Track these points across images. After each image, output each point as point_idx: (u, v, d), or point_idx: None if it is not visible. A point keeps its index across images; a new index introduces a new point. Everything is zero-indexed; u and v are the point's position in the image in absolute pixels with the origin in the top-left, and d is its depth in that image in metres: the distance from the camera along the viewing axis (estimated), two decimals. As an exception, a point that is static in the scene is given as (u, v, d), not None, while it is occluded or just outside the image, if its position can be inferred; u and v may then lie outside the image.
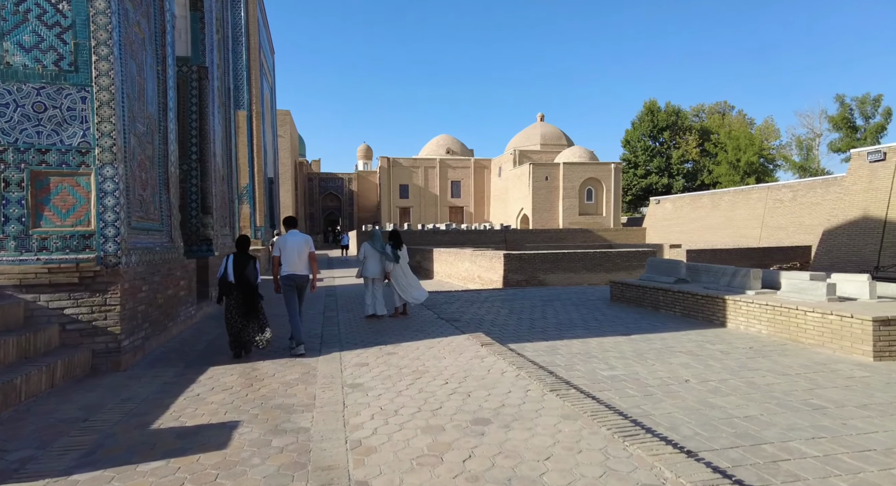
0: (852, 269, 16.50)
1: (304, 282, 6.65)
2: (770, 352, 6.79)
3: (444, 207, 55.95)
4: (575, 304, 11.42)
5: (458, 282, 21.10)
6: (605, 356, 6.54)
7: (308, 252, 6.71)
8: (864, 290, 7.76)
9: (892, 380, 5.48)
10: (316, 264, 6.77)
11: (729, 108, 59.21)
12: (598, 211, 46.93)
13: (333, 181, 63.08)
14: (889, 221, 16.06)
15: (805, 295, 7.83)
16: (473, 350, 6.11)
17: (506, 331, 8.24)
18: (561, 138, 56.01)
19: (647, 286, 10.75)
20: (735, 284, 9.29)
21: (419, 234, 36.51)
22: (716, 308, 8.88)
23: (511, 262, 17.46)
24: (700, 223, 33.98)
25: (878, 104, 36.39)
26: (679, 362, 6.24)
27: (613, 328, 8.53)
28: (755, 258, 21.55)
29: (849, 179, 17.94)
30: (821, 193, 25.23)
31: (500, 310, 10.60)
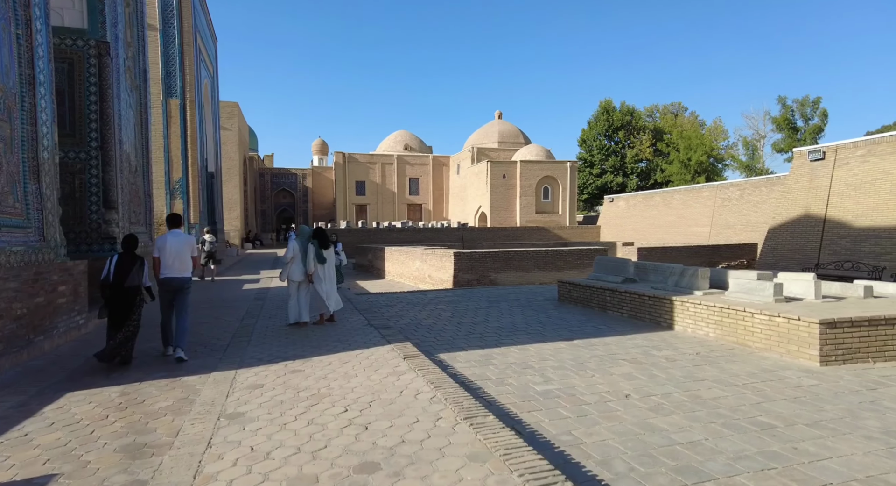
0: (795, 266, 16.75)
1: (183, 286, 6.17)
2: (717, 358, 6.35)
3: (403, 205, 54.92)
4: (522, 305, 10.85)
5: (410, 282, 20.31)
6: (542, 366, 5.92)
7: (190, 254, 6.18)
8: (809, 290, 7.48)
9: (839, 389, 5.08)
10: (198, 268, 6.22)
11: (682, 109, 60.85)
12: (555, 209, 47.13)
13: (287, 177, 60.91)
14: (828, 219, 16.36)
15: (752, 296, 7.48)
16: (392, 365, 5.34)
17: (441, 338, 7.52)
18: (518, 136, 56.01)
19: (595, 286, 10.29)
20: (683, 284, 8.91)
21: (375, 232, 35.48)
22: (663, 310, 8.46)
23: (462, 261, 16.82)
24: (652, 221, 34.47)
25: (816, 106, 38.05)
26: (621, 373, 5.68)
27: (557, 333, 7.95)
28: (704, 256, 21.77)
29: (791, 178, 18.25)
30: (766, 192, 25.87)
31: (443, 313, 9.89)
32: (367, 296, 12.70)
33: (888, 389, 5.13)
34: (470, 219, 49.02)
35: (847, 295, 7.84)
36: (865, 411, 4.47)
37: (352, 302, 10.63)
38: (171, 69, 18.96)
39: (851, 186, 15.95)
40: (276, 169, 61.81)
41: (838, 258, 15.56)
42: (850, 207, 15.85)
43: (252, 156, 56.84)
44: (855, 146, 16.10)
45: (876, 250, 14.75)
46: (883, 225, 14.84)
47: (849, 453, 3.59)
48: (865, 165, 15.73)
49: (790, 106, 38.58)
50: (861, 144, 15.94)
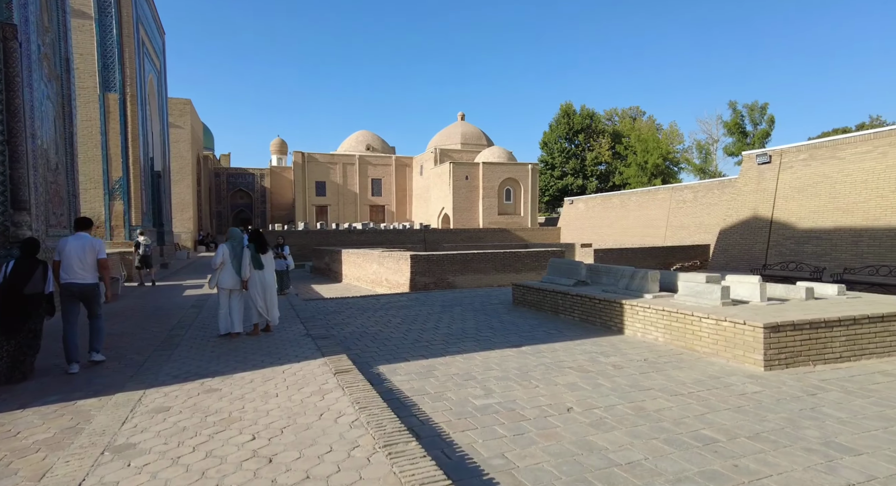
0: (744, 267, 17.18)
1: (88, 292, 5.78)
2: (664, 365, 6.20)
3: (365, 206, 54.03)
4: (475, 310, 10.57)
5: (367, 285, 19.77)
6: (485, 377, 5.61)
7: (94, 258, 5.80)
8: (755, 293, 7.48)
9: (781, 395, 4.98)
10: (108, 273, 5.93)
11: (640, 113, 62.41)
12: (517, 211, 47.38)
13: (244, 177, 58.99)
14: (774, 221, 16.86)
15: (700, 299, 7.42)
16: (320, 382, 4.90)
17: (385, 348, 7.13)
18: (481, 138, 56.09)
19: (547, 290, 10.11)
20: (633, 286, 8.82)
21: (334, 234, 34.63)
22: (613, 313, 8.33)
23: (418, 264, 16.44)
24: (611, 223, 35.03)
25: (764, 112, 39.70)
26: (566, 383, 5.43)
27: (506, 339, 7.69)
28: (659, 257, 22.15)
29: (741, 181, 18.74)
30: (718, 194, 26.62)
31: (392, 319, 9.49)
32: (315, 302, 12.15)
33: (827, 394, 5.07)
34: (433, 220, 48.69)
35: (790, 297, 7.90)
36: (806, 419, 4.36)
37: (295, 309, 10.08)
38: (108, 61, 17.80)
39: (795, 189, 16.48)
40: (233, 169, 59.80)
41: (784, 259, 16.03)
42: (794, 210, 16.37)
43: (207, 155, 54.77)
44: (798, 150, 16.66)
45: (817, 252, 15.26)
46: (823, 227, 15.37)
47: (788, 469, 3.42)
48: (807, 168, 16.28)
49: (740, 111, 40.16)
50: (803, 149, 16.50)
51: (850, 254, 14.45)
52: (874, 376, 5.73)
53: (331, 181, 53.32)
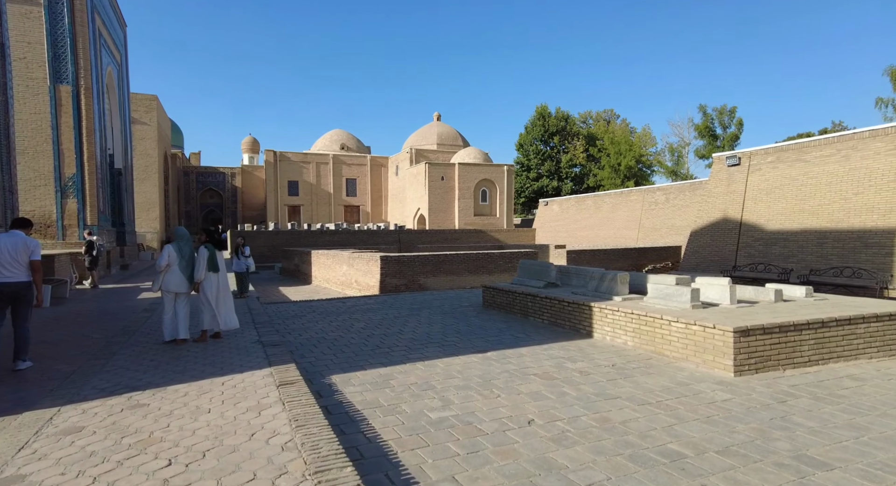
0: (715, 268, 17.28)
1: (20, 291, 5.52)
2: (633, 371, 5.96)
3: (339, 206, 53.18)
4: (444, 312, 10.22)
5: (337, 287, 19.24)
6: (445, 387, 5.26)
7: (27, 257, 5.50)
8: (725, 295, 7.33)
9: (752, 404, 4.77)
10: (39, 276, 5.62)
11: (614, 116, 63.16)
12: (493, 212, 47.29)
13: (214, 176, 57.46)
14: (744, 223, 17.01)
15: (670, 301, 7.23)
16: (260, 396, 4.48)
17: (342, 355, 6.71)
18: (457, 139, 55.88)
19: (517, 292, 9.84)
20: (603, 289, 8.61)
21: (305, 234, 33.84)
22: (582, 316, 8.09)
23: (389, 265, 16.01)
24: (584, 224, 35.19)
25: (733, 115, 40.54)
26: (530, 392, 5.13)
27: (472, 344, 7.36)
28: (632, 258, 22.20)
29: (711, 183, 18.90)
30: (689, 196, 26.93)
31: (355, 324, 9.07)
32: (277, 305, 11.63)
33: (797, 400, 4.89)
34: (409, 221, 48.23)
35: (760, 299, 7.79)
36: (776, 429, 4.15)
37: (252, 313, 9.56)
38: (60, 51, 16.87)
39: (763, 191, 16.66)
40: (203, 168, 58.19)
41: (753, 260, 16.17)
42: (762, 211, 16.53)
43: (176, 153, 53.12)
44: (766, 153, 16.86)
45: (785, 253, 15.43)
46: (790, 228, 15.55)
47: (760, 488, 3.16)
48: (775, 171, 16.48)
49: (710, 114, 40.93)
50: (771, 151, 16.70)
51: (815, 255, 14.63)
52: (842, 380, 5.59)
53: (304, 181, 52.31)
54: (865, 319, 6.51)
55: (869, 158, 14.07)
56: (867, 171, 14.02)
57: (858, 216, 13.95)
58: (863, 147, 14.27)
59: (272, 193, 51.05)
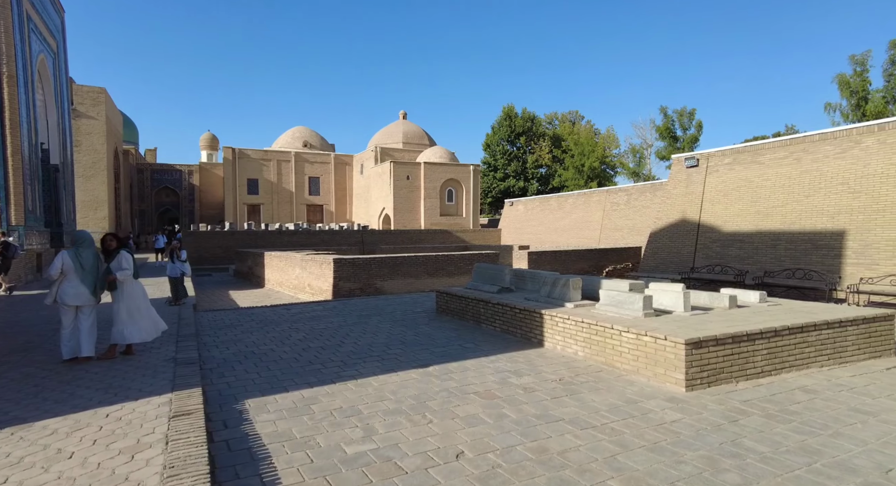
0: (673, 269, 17.29)
1: None
2: (581, 386, 5.56)
3: (301, 205, 51.73)
4: (394, 320, 9.67)
5: (290, 291, 18.40)
6: (372, 412, 4.72)
7: None
8: (679, 302, 7.04)
9: (702, 425, 4.41)
10: None
11: (579, 117, 63.81)
12: (459, 212, 46.93)
13: (170, 174, 55.05)
14: (702, 224, 17.08)
15: (622, 309, 6.88)
16: (145, 431, 3.83)
17: (268, 372, 6.08)
18: (423, 138, 55.28)
19: (469, 297, 9.37)
20: (555, 294, 8.23)
21: (263, 235, 32.63)
22: (533, 324, 7.69)
23: (343, 268, 15.33)
24: (549, 225, 35.21)
25: (692, 117, 41.49)
26: (466, 415, 4.64)
27: (416, 356, 6.84)
28: (593, 259, 22.15)
29: (670, 184, 18.95)
30: (650, 197, 27.16)
31: (294, 334, 8.41)
32: (215, 313, 10.82)
33: (749, 419, 4.57)
34: (374, 221, 47.35)
35: (714, 306, 7.55)
36: (726, 456, 3.78)
37: (182, 323, 8.76)
38: (-21, 36, 15.45)
39: (720, 193, 16.77)
40: (158, 165, 55.66)
41: (710, 262, 16.23)
42: (719, 213, 16.63)
43: (128, 149, 50.58)
44: (723, 155, 16.98)
45: (740, 255, 15.53)
46: (745, 230, 15.67)
47: (706, 539, 2.74)
48: (731, 172, 16.61)
49: (671, 116, 41.75)
50: (728, 153, 16.84)
51: (770, 257, 14.76)
52: (794, 393, 5.33)
53: (264, 179, 50.66)
54: (817, 326, 6.32)
55: (819, 160, 14.27)
56: (817, 173, 14.21)
57: (809, 218, 14.12)
58: (813, 150, 14.47)
59: (230, 191, 49.23)
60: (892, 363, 6.60)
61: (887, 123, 13.23)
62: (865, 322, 6.75)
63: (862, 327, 6.71)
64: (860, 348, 6.70)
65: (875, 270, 12.41)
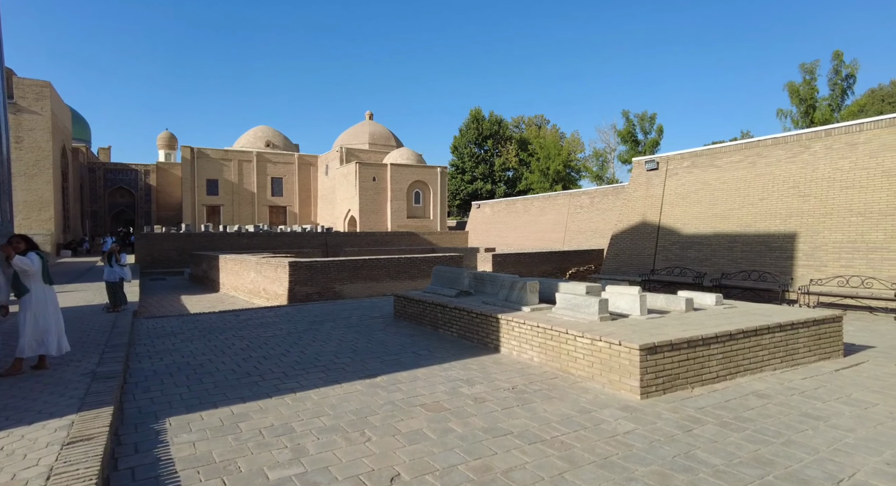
0: (634, 272, 17.43)
1: None
2: (534, 394, 5.31)
3: (264, 207, 50.30)
4: (349, 326, 9.24)
5: (245, 296, 17.64)
6: (306, 429, 4.33)
7: None
8: (635, 305, 6.90)
9: (655, 436, 4.22)
10: None
11: (545, 121, 64.54)
12: (426, 214, 46.59)
13: (125, 173, 52.68)
14: (661, 227, 17.29)
15: (578, 312, 6.69)
16: (29, 462, 3.34)
17: (199, 387, 5.59)
18: (390, 139, 54.72)
19: (427, 301, 9.05)
20: (513, 298, 7.99)
21: (221, 237, 31.43)
22: (489, 329, 7.42)
23: (299, 272, 14.75)
24: (514, 227, 35.28)
25: (653, 122, 42.47)
26: (409, 431, 4.30)
27: (364, 366, 6.46)
28: (556, 262, 22.19)
29: (631, 187, 19.15)
30: (612, 200, 27.51)
31: (237, 343, 7.89)
32: (157, 320, 10.14)
33: (703, 428, 4.40)
34: (339, 223, 46.47)
35: (671, 309, 7.46)
36: (679, 472, 3.57)
37: (113, 332, 8.10)
38: None
39: (679, 196, 17.01)
40: (112, 164, 53.16)
41: (670, 264, 16.42)
42: (678, 216, 16.86)
43: (79, 147, 48.09)
44: (682, 158, 17.26)
45: (699, 257, 15.76)
46: (703, 232, 15.92)
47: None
48: (690, 175, 16.87)
49: (633, 120, 42.62)
50: (686, 156, 17.11)
51: (727, 259, 15.02)
52: (748, 398, 5.23)
53: (224, 179, 49.03)
54: (770, 329, 6.28)
55: (772, 164, 14.61)
56: (770, 177, 14.55)
57: (764, 221, 14.43)
58: (766, 154, 14.82)
59: (189, 192, 47.42)
60: (840, 365, 6.64)
61: (833, 129, 13.66)
62: (816, 324, 6.77)
63: (812, 328, 6.73)
64: (811, 350, 6.72)
65: (823, 271, 12.74)
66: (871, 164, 12.66)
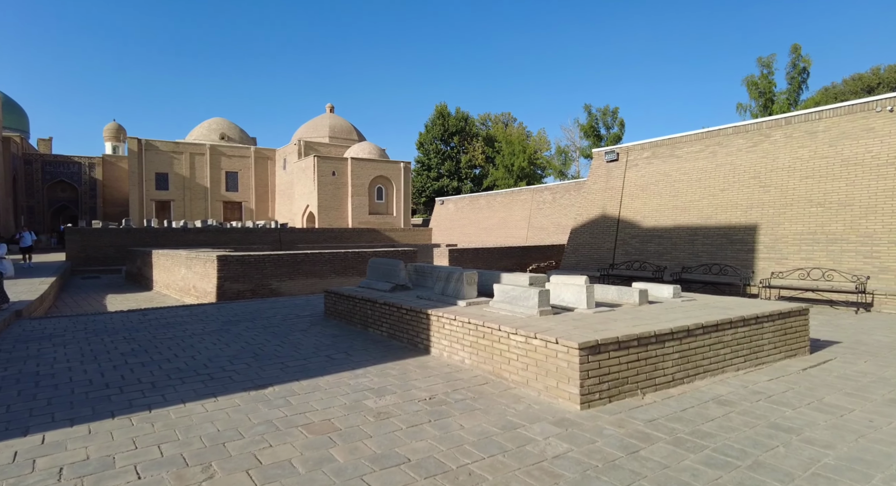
0: (594, 266, 16.75)
1: None
2: (454, 405, 4.31)
3: (218, 202, 47.91)
4: (267, 326, 8.07)
5: (176, 294, 16.12)
6: (127, 466, 3.20)
7: None
8: (581, 297, 6.00)
9: (592, 461, 3.27)
10: None
11: (511, 119, 64.09)
12: (389, 211, 45.31)
13: (66, 166, 49.36)
14: (621, 220, 16.66)
15: (516, 306, 5.74)
16: None
17: (27, 403, 4.37)
18: (351, 132, 53.13)
19: (357, 297, 7.97)
20: (449, 291, 7.00)
21: (165, 233, 29.41)
22: (420, 327, 6.41)
23: (229, 267, 13.39)
24: (478, 224, 34.48)
25: (615, 116, 42.36)
26: (270, 463, 3.23)
27: (259, 373, 5.34)
28: (517, 257, 21.40)
29: (591, 179, 18.50)
30: (574, 195, 26.98)
31: (120, 347, 6.62)
32: (39, 321, 8.70)
33: (653, 448, 3.49)
34: (297, 220, 44.67)
35: (623, 302, 6.61)
36: (617, 516, 2.62)
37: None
38: None
39: (639, 187, 16.42)
40: (52, 156, 49.75)
41: (629, 258, 15.79)
42: (638, 208, 16.26)
43: (10, 137, 44.63)
44: (642, 148, 16.67)
45: (659, 250, 15.17)
46: (664, 225, 15.35)
47: None
48: (650, 166, 16.30)
49: (595, 114, 42.38)
50: (646, 146, 16.54)
51: (687, 253, 14.46)
52: (708, 406, 4.37)
53: (175, 173, 46.45)
54: (733, 323, 5.47)
55: (732, 154, 14.13)
56: (731, 167, 14.06)
57: (724, 213, 13.93)
58: (727, 143, 14.33)
59: (136, 186, 44.71)
60: (808, 363, 5.91)
61: (793, 117, 13.25)
62: (781, 317, 6.03)
63: (778, 322, 5.98)
64: (776, 346, 5.97)
65: (784, 264, 12.27)
66: (830, 152, 12.26)
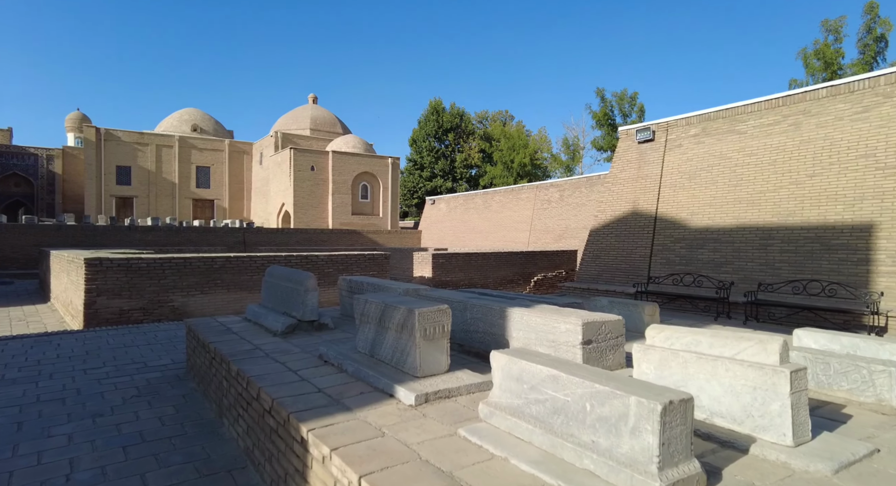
0: (622, 279, 12.68)
1: None
2: None
3: (187, 200, 43.51)
4: (60, 398, 3.90)
5: (62, 309, 11.90)
6: None
7: None
8: (772, 408, 1.84)
9: None
10: None
11: (510, 117, 60.16)
12: (375, 211, 41.14)
13: (21, 158, 44.86)
14: (660, 218, 12.61)
15: (584, 452, 1.60)
16: None
17: None
18: (336, 125, 48.96)
19: (213, 349, 3.81)
20: (385, 353, 2.85)
21: (105, 232, 25.08)
22: (291, 457, 2.23)
23: (106, 276, 9.19)
24: (473, 225, 30.39)
25: (634, 101, 38.32)
26: None
27: None
28: (518, 265, 17.28)
29: (616, 166, 14.43)
30: (586, 193, 22.97)
31: None
32: None
33: None
34: (273, 219, 40.40)
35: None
36: None
37: None
38: None
39: (685, 175, 12.38)
40: (3, 147, 45.23)
41: (674, 269, 11.72)
42: (684, 202, 12.21)
43: (-43, 124, 40.27)
44: (687, 123, 12.65)
45: (715, 259, 11.12)
46: (721, 225, 11.31)
47: None
48: (699, 147, 12.27)
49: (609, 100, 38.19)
50: (694, 121, 12.52)
51: (758, 263, 10.41)
52: None
53: (139, 167, 42.08)
54: None
55: (827, 125, 10.10)
56: (825, 143, 10.03)
57: (816, 208, 9.90)
58: (818, 111, 10.31)
59: (93, 180, 40.31)
60: None
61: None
62: None
63: None
64: None
65: (917, 281, 8.25)
66: None
